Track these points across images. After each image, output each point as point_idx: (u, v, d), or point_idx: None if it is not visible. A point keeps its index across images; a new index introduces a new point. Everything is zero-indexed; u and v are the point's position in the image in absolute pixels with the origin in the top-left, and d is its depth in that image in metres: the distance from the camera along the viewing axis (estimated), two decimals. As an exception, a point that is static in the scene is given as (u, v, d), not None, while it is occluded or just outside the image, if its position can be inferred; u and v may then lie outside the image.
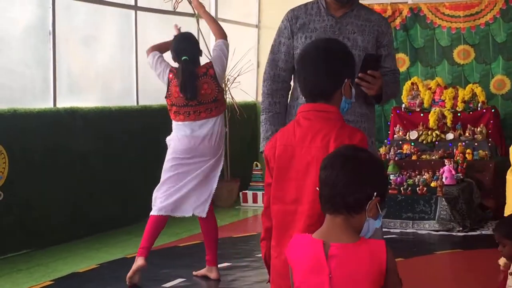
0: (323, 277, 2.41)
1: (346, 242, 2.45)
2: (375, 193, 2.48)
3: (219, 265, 6.47)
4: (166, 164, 6.27)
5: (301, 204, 2.87)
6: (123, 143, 8.82)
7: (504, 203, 5.37)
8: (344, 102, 2.99)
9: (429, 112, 9.99)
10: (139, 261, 5.98)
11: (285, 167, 2.93)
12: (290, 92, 4.15)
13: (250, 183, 10.64)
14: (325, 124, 2.89)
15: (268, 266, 3.03)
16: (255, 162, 10.77)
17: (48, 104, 8.06)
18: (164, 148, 6.39)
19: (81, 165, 8.18)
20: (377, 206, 2.50)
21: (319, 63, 2.95)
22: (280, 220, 2.93)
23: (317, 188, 2.57)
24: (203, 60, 6.42)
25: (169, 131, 6.42)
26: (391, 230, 8.15)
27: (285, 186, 2.92)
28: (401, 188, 8.56)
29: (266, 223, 3.05)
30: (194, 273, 6.42)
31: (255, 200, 10.39)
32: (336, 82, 2.96)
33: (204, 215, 6.23)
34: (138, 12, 9.48)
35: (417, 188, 8.54)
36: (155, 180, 8.34)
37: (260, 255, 3.18)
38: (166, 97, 6.26)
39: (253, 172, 10.70)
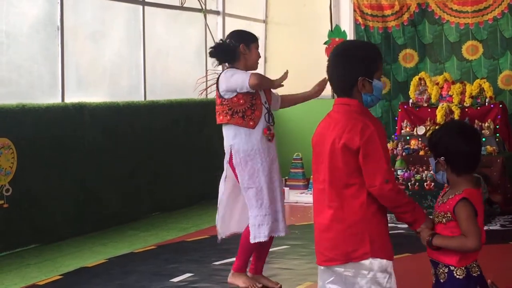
0: None
1: None
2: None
3: (228, 260, 6.55)
4: None
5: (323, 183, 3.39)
6: (130, 138, 8.83)
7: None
8: (366, 96, 3.39)
9: (437, 107, 9.95)
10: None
11: (318, 152, 3.45)
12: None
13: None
14: (344, 116, 3.36)
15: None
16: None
17: (56, 99, 8.09)
18: (172, 143, 6.31)
19: (89, 160, 8.20)
20: None
21: (336, 65, 3.44)
22: (315, 198, 3.47)
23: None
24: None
25: (176, 126, 6.36)
26: (399, 226, 8.12)
27: (318, 169, 3.45)
28: (409, 184, 8.57)
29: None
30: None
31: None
32: (349, 80, 3.38)
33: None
34: (146, 7, 9.50)
35: (425, 184, 8.53)
36: (162, 175, 8.27)
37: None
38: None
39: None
